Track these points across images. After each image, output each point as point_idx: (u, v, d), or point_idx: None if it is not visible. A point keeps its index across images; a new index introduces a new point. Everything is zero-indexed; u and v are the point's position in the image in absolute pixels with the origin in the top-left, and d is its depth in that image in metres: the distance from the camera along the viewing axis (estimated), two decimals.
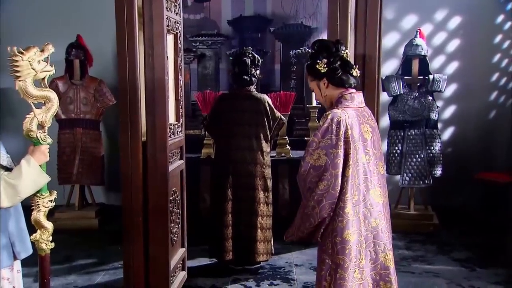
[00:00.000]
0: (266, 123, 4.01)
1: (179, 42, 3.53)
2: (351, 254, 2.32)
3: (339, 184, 2.30)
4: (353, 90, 2.48)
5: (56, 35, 5.12)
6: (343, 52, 2.48)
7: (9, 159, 2.16)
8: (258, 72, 4.13)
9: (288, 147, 5.09)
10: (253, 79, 4.08)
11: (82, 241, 4.94)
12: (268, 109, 4.02)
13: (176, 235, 3.53)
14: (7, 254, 2.22)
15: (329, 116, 2.34)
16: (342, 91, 2.46)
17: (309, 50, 5.67)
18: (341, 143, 2.30)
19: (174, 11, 3.38)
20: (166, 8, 3.16)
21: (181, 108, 3.63)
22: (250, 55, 4.12)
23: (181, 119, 3.64)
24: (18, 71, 2.06)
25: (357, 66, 2.57)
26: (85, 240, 4.96)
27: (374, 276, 2.41)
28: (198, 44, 6.03)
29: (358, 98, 2.47)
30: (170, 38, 3.37)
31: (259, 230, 4.01)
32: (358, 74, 2.52)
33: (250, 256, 4.03)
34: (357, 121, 2.38)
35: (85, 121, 5.38)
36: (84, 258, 4.49)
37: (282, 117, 4.12)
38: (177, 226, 3.56)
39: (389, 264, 2.43)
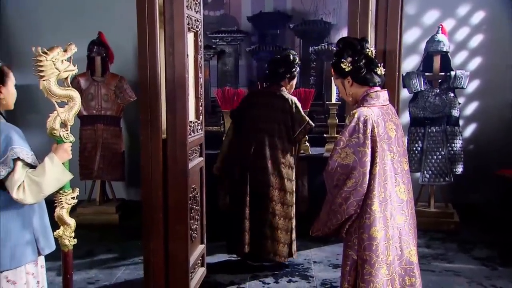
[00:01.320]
0: (290, 123, 3.97)
1: (199, 40, 3.54)
2: (378, 250, 2.36)
3: (367, 182, 2.34)
4: (378, 88, 2.49)
5: (77, 32, 5.23)
6: (368, 50, 2.48)
7: (34, 157, 2.20)
8: (293, 71, 4.08)
9: (307, 144, 5.08)
10: (281, 77, 4.05)
11: (103, 236, 5.01)
12: (293, 110, 3.96)
13: (195, 232, 3.56)
14: (32, 250, 2.27)
15: (356, 115, 2.36)
16: (367, 89, 2.47)
17: (331, 47, 5.71)
18: (369, 142, 2.33)
19: (195, 9, 3.40)
20: (187, 6, 3.18)
21: (201, 105, 3.65)
22: (285, 54, 4.14)
23: (201, 116, 3.66)
24: (42, 71, 2.10)
25: (381, 64, 2.56)
26: (105, 235, 5.03)
27: (400, 271, 2.46)
28: (217, 40, 6.05)
29: (383, 96, 2.49)
30: (190, 36, 3.39)
31: (269, 229, 3.97)
32: (383, 73, 2.52)
33: (261, 252, 4.04)
34: (382, 119, 2.40)
35: (106, 118, 5.45)
36: (105, 253, 4.55)
37: (311, 122, 4.04)
38: (196, 222, 3.59)
39: (413, 259, 2.48)
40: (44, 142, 4.12)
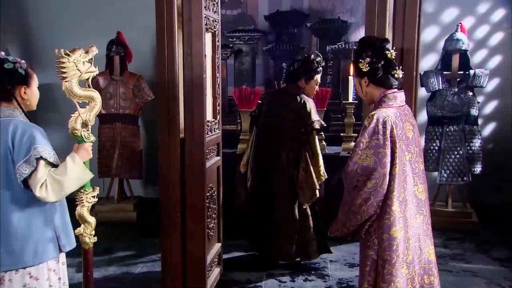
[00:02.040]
0: (300, 123, 3.95)
1: (216, 40, 3.57)
2: (398, 250, 2.38)
3: (387, 183, 2.35)
4: (395, 90, 2.49)
5: (96, 32, 5.30)
6: (388, 52, 2.47)
7: (56, 156, 2.25)
8: (310, 71, 4.05)
9: (324, 143, 5.07)
10: (296, 77, 4.06)
11: (121, 233, 5.07)
12: (302, 110, 3.92)
13: (212, 230, 3.60)
14: (53, 247, 2.31)
15: (375, 116, 2.37)
16: (383, 90, 2.47)
17: (348, 46, 5.69)
18: (388, 143, 2.35)
19: (213, 9, 3.42)
20: (205, 7, 3.20)
21: (218, 105, 3.68)
22: (306, 54, 4.18)
23: (218, 116, 3.69)
24: (64, 72, 2.14)
25: (400, 67, 2.55)
26: (123, 232, 5.10)
27: (419, 270, 2.48)
28: (235, 39, 6.07)
29: (400, 97, 2.49)
30: (208, 36, 3.41)
31: (276, 227, 4.01)
32: (401, 76, 2.51)
33: (272, 250, 4.09)
34: (400, 120, 2.41)
35: (124, 116, 5.51)
36: (123, 250, 4.62)
37: (316, 123, 3.92)
38: (213, 221, 3.62)
39: (432, 258, 2.50)
40: (62, 141, 4.22)
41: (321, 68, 4.13)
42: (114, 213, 5.46)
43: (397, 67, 2.50)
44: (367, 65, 2.45)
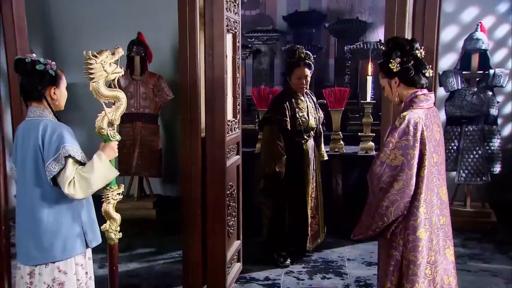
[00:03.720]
0: None
1: (237, 40, 3.62)
2: (423, 251, 2.38)
3: (414, 184, 2.34)
4: (426, 91, 2.48)
5: (117, 32, 5.39)
6: (417, 51, 2.46)
7: (83, 155, 2.32)
8: (289, 66, 4.21)
9: (341, 142, 5.10)
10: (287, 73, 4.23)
11: (141, 230, 5.15)
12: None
13: (232, 228, 3.65)
14: (81, 242, 2.39)
15: (407, 117, 2.35)
16: (414, 91, 2.45)
17: (366, 46, 5.69)
18: (418, 144, 2.33)
19: (233, 11, 3.47)
20: (226, 8, 3.26)
21: (238, 104, 3.73)
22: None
23: (238, 115, 3.74)
24: (92, 73, 2.21)
25: (430, 66, 2.54)
26: (143, 230, 5.17)
27: (440, 271, 2.47)
28: (253, 40, 6.11)
29: (431, 98, 2.48)
30: (229, 37, 3.47)
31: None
32: (431, 75, 2.50)
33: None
34: (430, 122, 2.40)
35: (144, 115, 5.59)
36: (144, 247, 4.70)
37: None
38: (233, 219, 3.68)
39: (451, 259, 2.50)
40: (82, 139, 4.28)
41: (298, 60, 4.07)
42: (134, 211, 5.53)
43: (427, 66, 2.48)
44: (398, 65, 2.42)
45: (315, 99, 4.38)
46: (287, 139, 4.04)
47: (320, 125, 4.44)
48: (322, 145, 4.54)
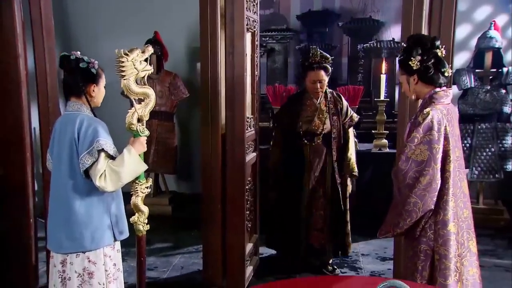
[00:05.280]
0: None
1: (256, 39, 3.70)
2: (454, 245, 2.42)
3: (439, 178, 2.37)
4: (445, 87, 2.50)
5: (134, 32, 5.48)
6: (438, 49, 2.47)
7: (115, 149, 2.41)
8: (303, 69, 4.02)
9: (355, 139, 5.15)
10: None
11: (157, 226, 5.19)
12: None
13: (250, 222, 3.73)
14: (110, 234, 2.47)
15: (430, 113, 2.38)
16: (432, 88, 2.48)
17: (379, 45, 5.75)
18: (442, 139, 2.37)
19: (253, 10, 3.55)
20: (246, 8, 3.33)
21: (256, 102, 3.81)
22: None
23: (256, 113, 3.82)
24: (123, 71, 2.30)
25: (450, 65, 2.56)
26: (160, 226, 5.23)
27: (465, 263, 2.51)
28: (267, 38, 6.18)
29: (450, 95, 2.51)
30: (248, 36, 3.54)
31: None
32: (450, 74, 2.53)
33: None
34: (451, 117, 2.45)
35: (160, 113, 5.65)
36: (161, 242, 4.78)
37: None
38: (251, 214, 3.75)
39: (474, 251, 2.54)
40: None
41: (312, 64, 3.75)
42: (150, 207, 5.46)
43: (447, 65, 2.49)
44: (418, 63, 2.44)
45: (343, 103, 3.93)
46: (289, 142, 3.93)
47: (342, 131, 3.93)
48: (349, 154, 3.99)
